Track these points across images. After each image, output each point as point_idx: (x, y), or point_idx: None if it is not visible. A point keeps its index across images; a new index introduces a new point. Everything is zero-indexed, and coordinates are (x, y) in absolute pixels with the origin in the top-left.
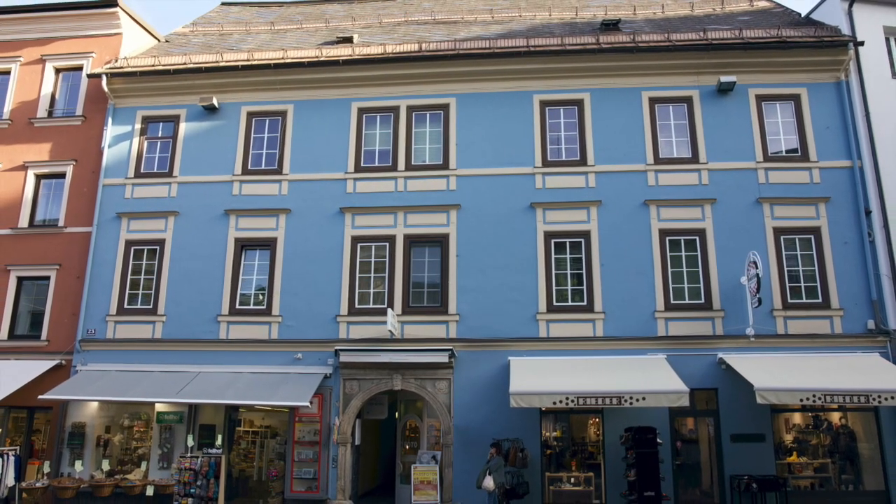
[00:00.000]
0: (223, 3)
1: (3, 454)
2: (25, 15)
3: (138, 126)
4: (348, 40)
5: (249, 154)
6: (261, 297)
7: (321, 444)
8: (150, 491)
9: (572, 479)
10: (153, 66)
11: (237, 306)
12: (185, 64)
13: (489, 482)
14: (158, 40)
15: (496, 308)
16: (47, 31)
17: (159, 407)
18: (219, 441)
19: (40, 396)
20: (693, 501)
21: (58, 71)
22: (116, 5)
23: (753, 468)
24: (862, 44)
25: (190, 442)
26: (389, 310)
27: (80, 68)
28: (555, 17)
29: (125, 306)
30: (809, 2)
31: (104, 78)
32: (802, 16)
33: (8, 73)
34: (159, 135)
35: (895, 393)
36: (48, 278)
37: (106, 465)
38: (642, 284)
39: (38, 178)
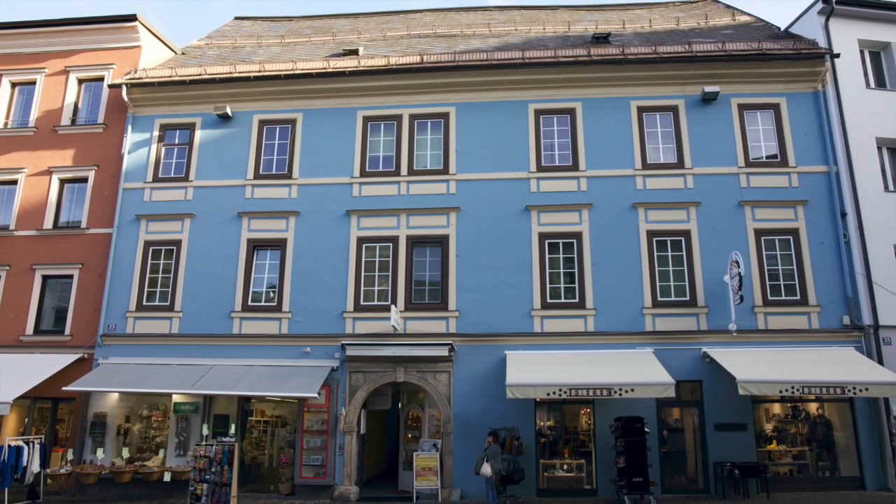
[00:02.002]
0: (236, 18)
1: (29, 442)
2: (50, 29)
3: (156, 133)
4: (354, 52)
5: (261, 160)
6: (272, 294)
7: (328, 433)
8: (167, 477)
9: (565, 466)
10: (170, 76)
11: (249, 303)
12: (200, 75)
13: (487, 469)
14: (175, 52)
15: (493, 305)
16: (71, 44)
17: (176, 398)
18: (232, 430)
19: (64, 388)
20: (679, 487)
21: (80, 81)
22: (136, 20)
23: (736, 455)
24: (838, 56)
25: (205, 431)
26: (393, 306)
27: (101, 79)
28: (548, 31)
29: (144, 303)
30: (789, 16)
31: (124, 88)
32: (782, 30)
33: (34, 83)
34: (176, 141)
35: (869, 385)
36: (71, 277)
37: (126, 453)
38: (631, 282)
39: (62, 182)
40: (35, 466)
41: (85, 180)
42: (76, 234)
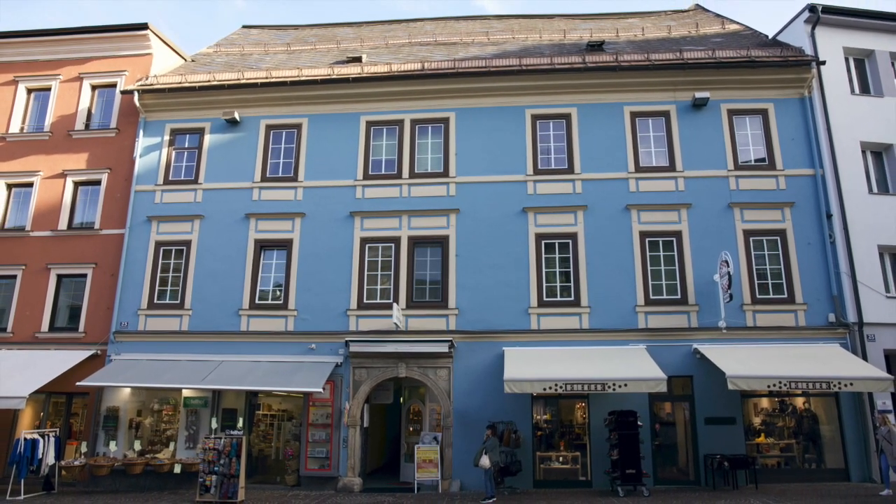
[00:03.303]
0: (244, 26)
1: (45, 435)
2: (65, 37)
3: (167, 137)
4: (357, 60)
5: (268, 163)
6: (278, 292)
7: (333, 426)
8: (177, 469)
9: (561, 458)
10: (180, 83)
11: (256, 301)
12: (209, 81)
13: (485, 461)
14: (185, 60)
15: (492, 303)
16: (84, 52)
17: (186, 392)
18: (240, 423)
19: (78, 383)
20: (670, 478)
21: (94, 88)
22: (147, 28)
23: (725, 448)
24: (824, 63)
25: (214, 424)
26: (395, 304)
27: (114, 85)
28: (545, 39)
29: (155, 301)
30: (776, 24)
31: (136, 94)
32: (770, 38)
33: (49, 89)
34: (186, 145)
35: (854, 380)
36: (85, 276)
37: (137, 446)
38: (624, 281)
39: (76, 185)
40: (50, 459)
41: (98, 183)
42: (90, 235)
